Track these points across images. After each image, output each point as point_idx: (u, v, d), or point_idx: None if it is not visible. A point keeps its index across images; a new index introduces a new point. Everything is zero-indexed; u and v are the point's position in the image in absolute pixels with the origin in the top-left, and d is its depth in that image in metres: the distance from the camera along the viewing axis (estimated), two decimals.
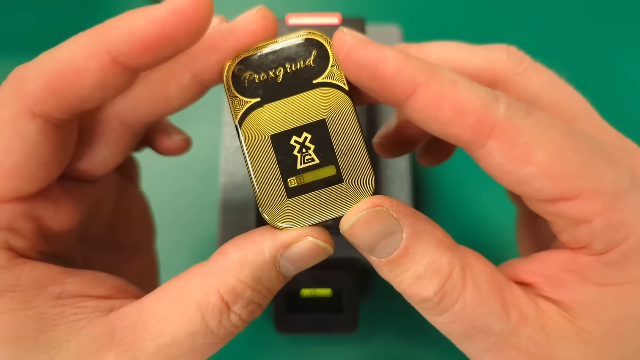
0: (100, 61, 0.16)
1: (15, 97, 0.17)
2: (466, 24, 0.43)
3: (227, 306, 0.17)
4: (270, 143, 0.18)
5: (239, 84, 0.18)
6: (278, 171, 0.18)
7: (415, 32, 0.42)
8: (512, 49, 0.20)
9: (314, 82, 0.18)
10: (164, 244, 0.37)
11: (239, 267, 0.17)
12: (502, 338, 0.17)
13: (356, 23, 0.31)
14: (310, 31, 0.18)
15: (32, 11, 0.43)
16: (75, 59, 0.16)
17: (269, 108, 0.18)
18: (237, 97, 0.18)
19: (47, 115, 0.17)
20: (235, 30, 0.18)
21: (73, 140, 0.19)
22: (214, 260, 0.18)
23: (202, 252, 0.37)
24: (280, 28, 0.31)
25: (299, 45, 0.18)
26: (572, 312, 0.17)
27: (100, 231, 0.24)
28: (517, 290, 0.18)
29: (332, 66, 0.18)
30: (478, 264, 0.18)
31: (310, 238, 0.17)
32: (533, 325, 0.17)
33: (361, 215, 0.17)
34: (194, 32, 0.16)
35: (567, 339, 0.17)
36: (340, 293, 0.31)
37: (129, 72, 0.16)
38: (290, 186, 0.18)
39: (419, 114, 0.16)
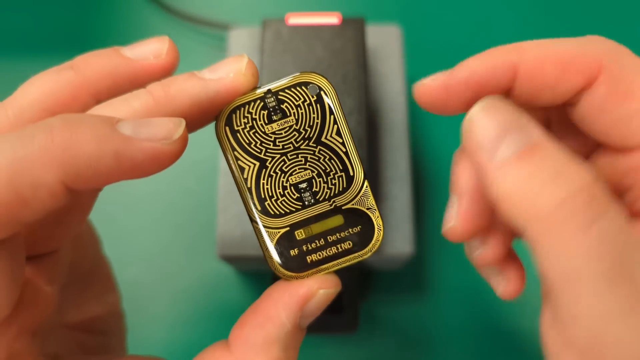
0: (52, 191, 0.13)
1: None
2: (466, 23, 0.43)
3: None
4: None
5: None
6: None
7: (416, 32, 0.42)
8: (612, 42, 0.17)
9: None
10: (164, 243, 0.37)
11: (267, 347, 0.17)
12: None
13: (356, 23, 0.31)
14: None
15: (32, 11, 0.43)
16: (17, 186, 0.13)
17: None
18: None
19: None
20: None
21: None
22: (238, 348, 0.17)
23: (202, 252, 0.37)
24: (281, 27, 0.31)
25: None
26: None
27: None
28: None
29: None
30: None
31: (322, 291, 0.17)
32: None
33: (483, 104, 0.16)
34: (165, 166, 0.15)
35: None
36: (340, 293, 0.31)
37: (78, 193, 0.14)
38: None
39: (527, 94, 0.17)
